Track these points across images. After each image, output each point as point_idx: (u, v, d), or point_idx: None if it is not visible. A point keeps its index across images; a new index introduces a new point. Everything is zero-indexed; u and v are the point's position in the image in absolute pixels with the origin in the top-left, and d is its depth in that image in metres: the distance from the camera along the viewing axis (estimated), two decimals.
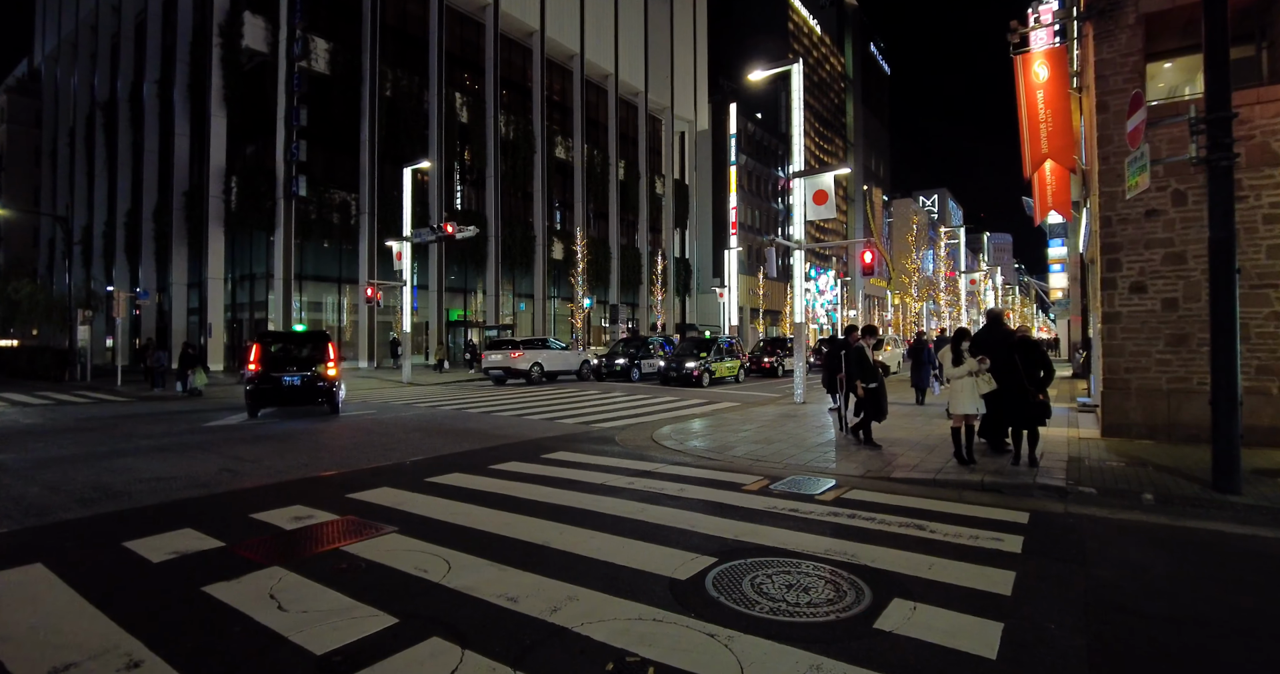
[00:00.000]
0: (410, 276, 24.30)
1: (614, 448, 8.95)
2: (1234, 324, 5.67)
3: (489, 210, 35.61)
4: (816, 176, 15.00)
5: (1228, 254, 5.72)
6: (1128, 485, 6.05)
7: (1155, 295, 8.55)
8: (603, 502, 5.80)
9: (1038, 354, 7.14)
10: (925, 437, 9.27)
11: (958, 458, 7.25)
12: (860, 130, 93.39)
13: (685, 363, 19.91)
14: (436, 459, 8.16)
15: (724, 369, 21.07)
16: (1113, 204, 8.81)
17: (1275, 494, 5.68)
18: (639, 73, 47.09)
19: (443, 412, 13.52)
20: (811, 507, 5.60)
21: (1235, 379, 5.66)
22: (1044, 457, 7.49)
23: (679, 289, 52.30)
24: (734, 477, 6.93)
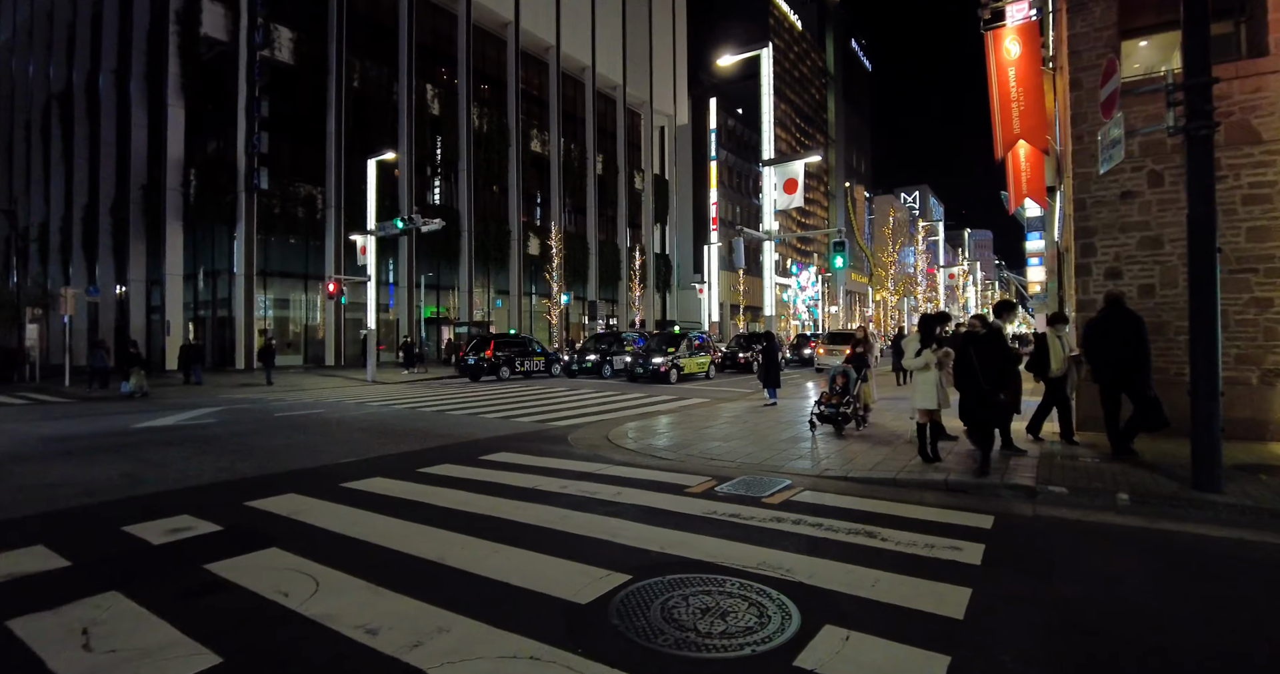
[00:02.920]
0: (375, 272, 23.51)
1: (564, 448, 8.37)
2: (1215, 309, 5.20)
3: (462, 205, 34.82)
4: (786, 164, 14.51)
5: (1208, 232, 5.25)
6: (1102, 484, 5.56)
7: (1131, 282, 8.10)
8: (525, 509, 5.22)
9: (998, 349, 6.39)
10: (892, 433, 8.77)
11: (922, 455, 6.75)
12: (841, 126, 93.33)
13: (652, 359, 19.24)
14: (365, 462, 7.53)
15: (693, 365, 20.47)
16: (1087, 186, 8.35)
17: (1259, 492, 5.22)
18: (617, 66, 46.40)
19: (394, 410, 12.86)
20: (755, 511, 5.06)
21: (1216, 368, 5.19)
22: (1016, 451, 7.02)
23: (659, 285, 51.74)
24: (681, 477, 6.37)
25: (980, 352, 6.23)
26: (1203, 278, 5.24)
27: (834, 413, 8.37)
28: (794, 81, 79.90)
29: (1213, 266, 5.21)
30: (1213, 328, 5.18)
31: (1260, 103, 7.59)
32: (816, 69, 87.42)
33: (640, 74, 49.23)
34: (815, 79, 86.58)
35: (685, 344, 20.35)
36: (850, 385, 8.56)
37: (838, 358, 25.49)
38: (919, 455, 6.84)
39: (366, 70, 30.81)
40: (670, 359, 19.22)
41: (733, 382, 19.88)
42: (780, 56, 76.77)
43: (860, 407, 8.79)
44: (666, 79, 52.76)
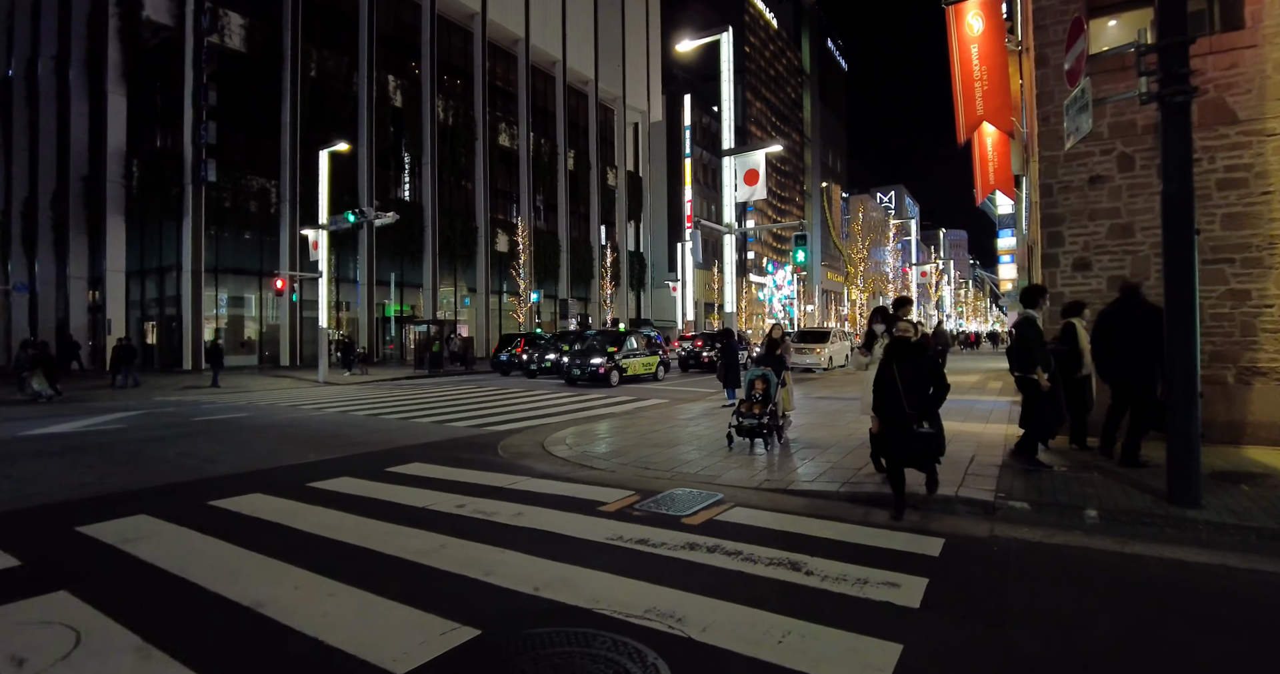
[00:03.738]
0: (329, 268, 22.47)
1: (487, 457, 7.59)
2: (1193, 298, 4.58)
3: (426, 199, 33.79)
4: (746, 154, 13.84)
5: (1185, 212, 4.62)
6: (1068, 497, 4.92)
7: (1101, 273, 7.52)
8: (399, 536, 4.44)
9: (926, 363, 4.89)
10: (848, 435, 8.10)
11: (875, 464, 6.08)
12: (817, 125, 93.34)
13: (590, 360, 17.63)
14: (254, 474, 6.69)
15: (638, 366, 18.85)
16: (1054, 170, 7.75)
17: (1241, 507, 4.60)
18: (588, 61, 45.57)
19: (325, 415, 11.97)
20: (668, 536, 4.33)
21: (1195, 365, 4.57)
22: (974, 460, 6.37)
23: (633, 283, 50.99)
24: (601, 492, 5.63)
25: (906, 367, 4.84)
26: (1180, 263, 4.61)
27: (755, 425, 7.17)
28: (769, 80, 79.62)
29: (1190, 251, 4.58)
30: (1191, 319, 4.56)
31: (1236, 80, 7.04)
32: (792, 68, 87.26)
33: (613, 69, 48.43)
34: (791, 78, 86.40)
35: (631, 343, 18.91)
36: (771, 391, 7.38)
37: (808, 356, 25.04)
38: (871, 463, 6.18)
39: (324, 60, 29.68)
40: (610, 360, 17.70)
41: (696, 381, 19.18)
42: (755, 54, 76.44)
43: (780, 415, 7.66)
44: (640, 75, 52.01)
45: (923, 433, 4.71)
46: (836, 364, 24.78)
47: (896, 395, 4.77)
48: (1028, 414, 6.20)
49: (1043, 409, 6.05)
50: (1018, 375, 6.21)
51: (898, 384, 4.77)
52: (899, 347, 4.93)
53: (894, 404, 4.79)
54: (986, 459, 6.42)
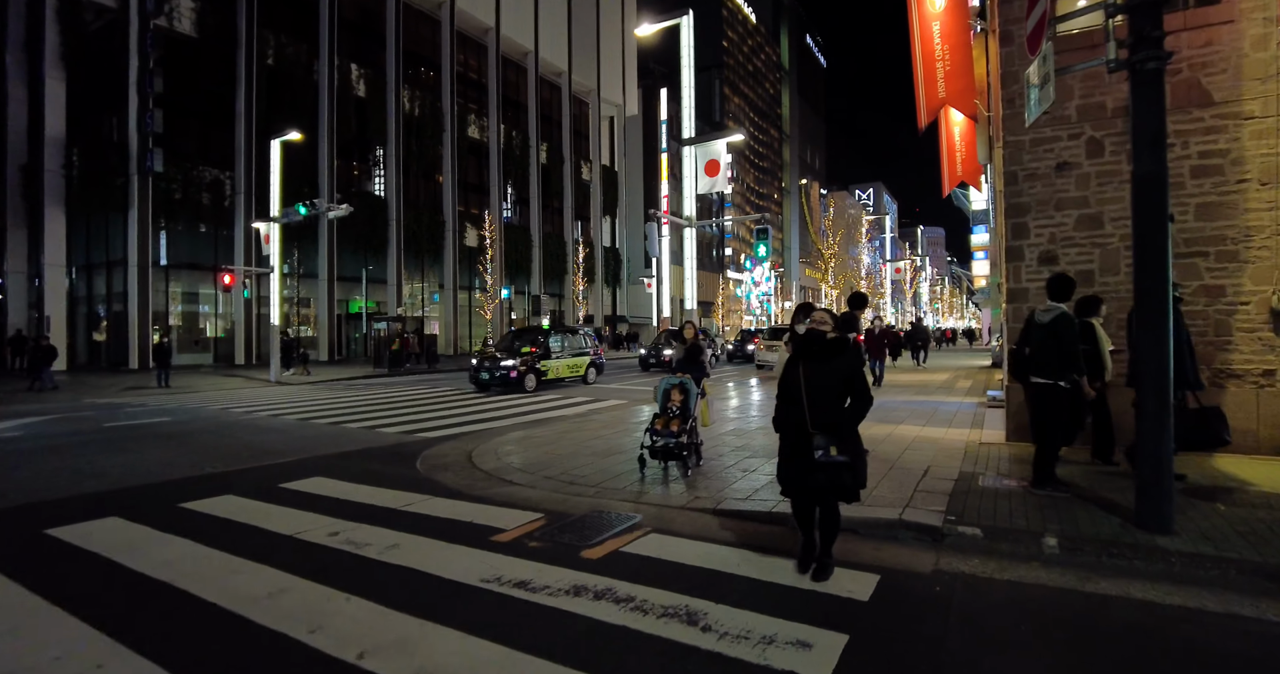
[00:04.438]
0: (280, 263, 21.49)
1: (400, 470, 6.88)
2: (1166, 294, 4.00)
3: (390, 192, 32.80)
4: (707, 143, 13.20)
5: (1157, 197, 4.03)
6: (1026, 521, 4.33)
7: (1068, 267, 6.97)
8: (241, 574, 3.73)
9: (839, 366, 3.61)
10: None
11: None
12: (796, 122, 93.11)
13: (502, 361, 15.36)
14: (126, 492, 5.92)
15: (562, 368, 16.84)
16: (1019, 156, 7.19)
17: (1218, 531, 4.04)
18: (562, 52, 44.67)
19: (254, 418, 11.15)
20: (558, 575, 3.67)
21: (1167, 373, 3.99)
22: (929, 473, 5.78)
23: (608, 279, 50.26)
24: (504, 516, 4.95)
25: (815, 370, 3.61)
26: (1152, 254, 4.03)
27: (672, 444, 5.92)
28: (748, 75, 79.16)
29: (1164, 240, 4.00)
30: (1164, 317, 3.98)
31: (1212, 59, 6.51)
32: (771, 64, 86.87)
33: (587, 61, 47.57)
34: (769, 73, 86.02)
35: (555, 342, 16.98)
36: (690, 403, 6.22)
37: (776, 354, 24.52)
38: None
39: (283, 46, 28.58)
40: (525, 362, 15.56)
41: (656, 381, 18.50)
42: (734, 49, 75.92)
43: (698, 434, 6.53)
44: (615, 67, 51.22)
45: (831, 461, 3.45)
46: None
47: (799, 406, 3.59)
48: (1046, 430, 5.10)
49: (1065, 423, 5.08)
50: (1040, 382, 5.08)
51: (801, 391, 3.59)
52: (809, 343, 3.67)
53: (795, 418, 3.61)
54: (942, 471, 5.83)
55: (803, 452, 3.54)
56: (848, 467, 3.50)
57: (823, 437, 3.49)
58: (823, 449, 3.47)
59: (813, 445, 3.49)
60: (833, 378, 3.58)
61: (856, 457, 3.52)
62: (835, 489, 3.53)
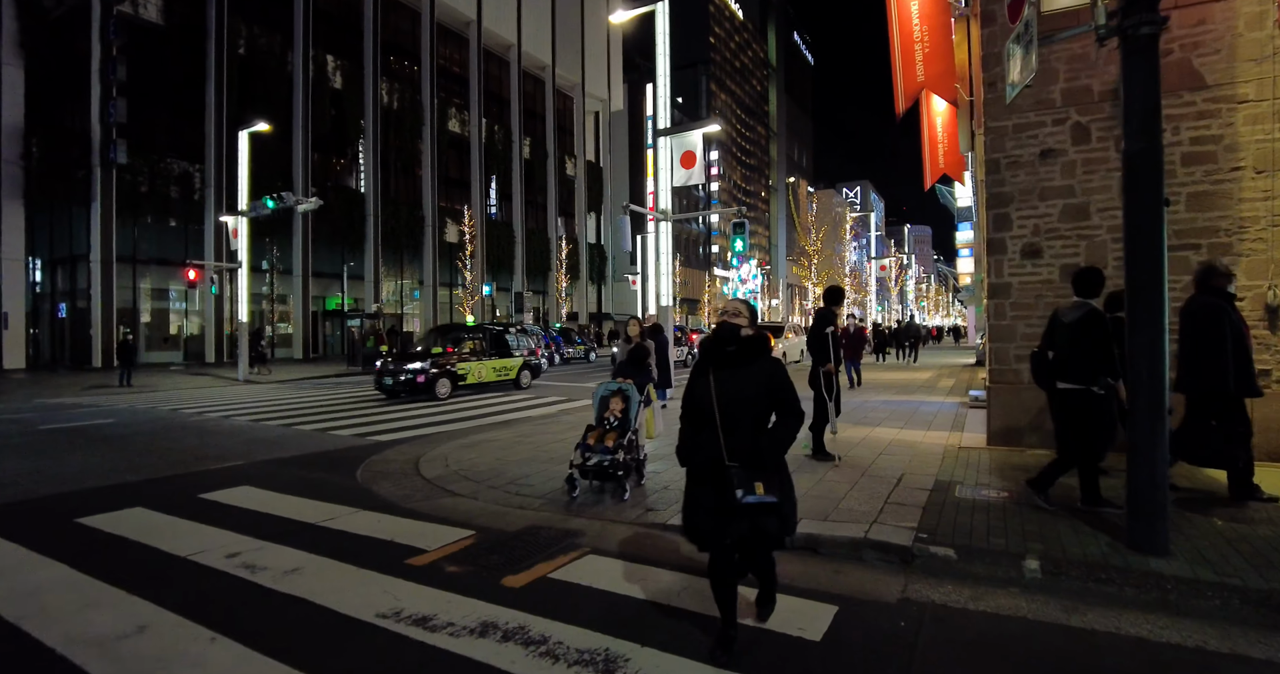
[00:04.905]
0: (248, 258, 20.80)
1: (338, 478, 6.36)
2: (1161, 288, 3.57)
3: (368, 187, 32.10)
4: (683, 134, 12.72)
5: (1151, 178, 3.60)
6: (1005, 540, 3.90)
7: (1052, 261, 6.56)
8: (99, 608, 3.22)
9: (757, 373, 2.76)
10: None
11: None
12: (783, 119, 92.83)
13: (407, 365, 13.18)
14: (29, 503, 5.37)
15: (486, 371, 14.55)
16: (1001, 143, 6.77)
17: (1216, 551, 3.63)
18: (545, 46, 44.03)
19: (203, 420, 10.57)
20: (468, 608, 3.18)
21: (1162, 376, 3.56)
22: (902, 482, 5.34)
23: (593, 276, 49.69)
24: (432, 533, 4.46)
25: (729, 380, 2.74)
26: (1144, 244, 3.59)
27: (606, 462, 5.07)
28: (734, 72, 78.75)
29: (1157, 227, 3.57)
30: (1158, 316, 3.55)
31: (1204, 38, 6.12)
32: (758, 60, 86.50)
33: (571, 56, 46.96)
34: (757, 70, 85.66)
35: (483, 341, 15.08)
36: (632, 412, 5.40)
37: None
38: None
39: (255, 36, 27.83)
40: (436, 364, 13.39)
41: None
42: (720, 45, 75.46)
43: (641, 448, 5.61)
44: (600, 62, 50.61)
45: (758, 502, 2.59)
46: (791, 359, 23.98)
47: (710, 429, 2.72)
48: (1077, 441, 4.46)
49: (1103, 432, 4.41)
50: (1068, 388, 4.42)
51: (713, 408, 2.70)
52: (719, 342, 2.77)
53: (706, 443, 2.72)
54: (917, 480, 5.40)
55: (719, 491, 2.64)
56: (775, 510, 2.64)
57: (744, 470, 2.61)
58: (744, 486, 2.57)
59: (730, 482, 2.59)
60: (751, 388, 2.70)
61: (785, 495, 2.68)
62: (757, 540, 2.67)
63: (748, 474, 2.60)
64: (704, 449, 2.73)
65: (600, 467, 5.15)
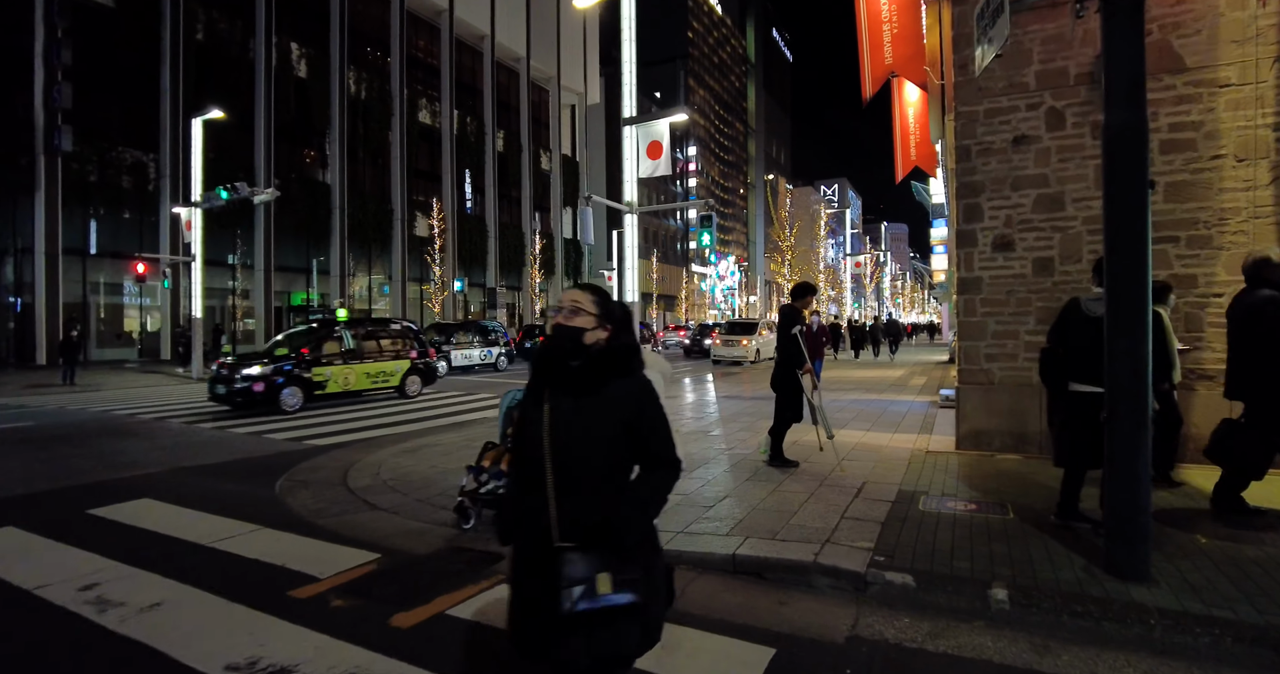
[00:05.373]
0: (204, 251, 19.95)
1: (253, 488, 5.80)
2: (1145, 281, 3.17)
3: (333, 178, 31.18)
4: (649, 124, 12.24)
5: (1136, 152, 3.19)
6: (970, 562, 3.48)
7: (1025, 254, 6.19)
8: None
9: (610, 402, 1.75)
10: (727, 450, 6.61)
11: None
12: (762, 116, 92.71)
13: (242, 370, 10.73)
14: None
15: (357, 377, 12.09)
16: (972, 129, 6.38)
17: (1202, 575, 3.24)
18: (520, 37, 43.21)
19: (136, 421, 9.89)
20: (339, 655, 2.68)
21: (1145, 380, 3.15)
22: (863, 492, 4.92)
23: (569, 271, 49.04)
24: (331, 556, 3.94)
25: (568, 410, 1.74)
26: (1127, 230, 3.18)
27: (500, 489, 4.15)
28: (713, 67, 78.38)
29: (1143, 212, 3.16)
30: (1140, 311, 3.14)
31: (1184, 18, 5.77)
32: (737, 56, 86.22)
33: (546, 48, 46.17)
34: (735, 66, 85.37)
35: (348, 341, 12.25)
36: None
37: (735, 349, 23.78)
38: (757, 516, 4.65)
39: (214, 21, 26.80)
40: (282, 369, 10.96)
41: None
42: (699, 40, 75.02)
43: None
44: (576, 55, 49.87)
45: (604, 606, 1.62)
46: (765, 356, 23.68)
47: (539, 487, 1.72)
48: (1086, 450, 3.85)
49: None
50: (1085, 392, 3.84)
51: (544, 456, 1.72)
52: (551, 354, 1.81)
53: (533, 510, 1.74)
54: (879, 490, 4.99)
55: (547, 587, 1.65)
56: (633, 613, 1.67)
57: (585, 557, 1.64)
58: (584, 585, 1.61)
59: (561, 576, 1.63)
60: (603, 426, 1.73)
61: (651, 590, 1.72)
62: (606, 663, 1.69)
63: (593, 563, 1.63)
64: (528, 519, 1.75)
65: (494, 494, 4.14)
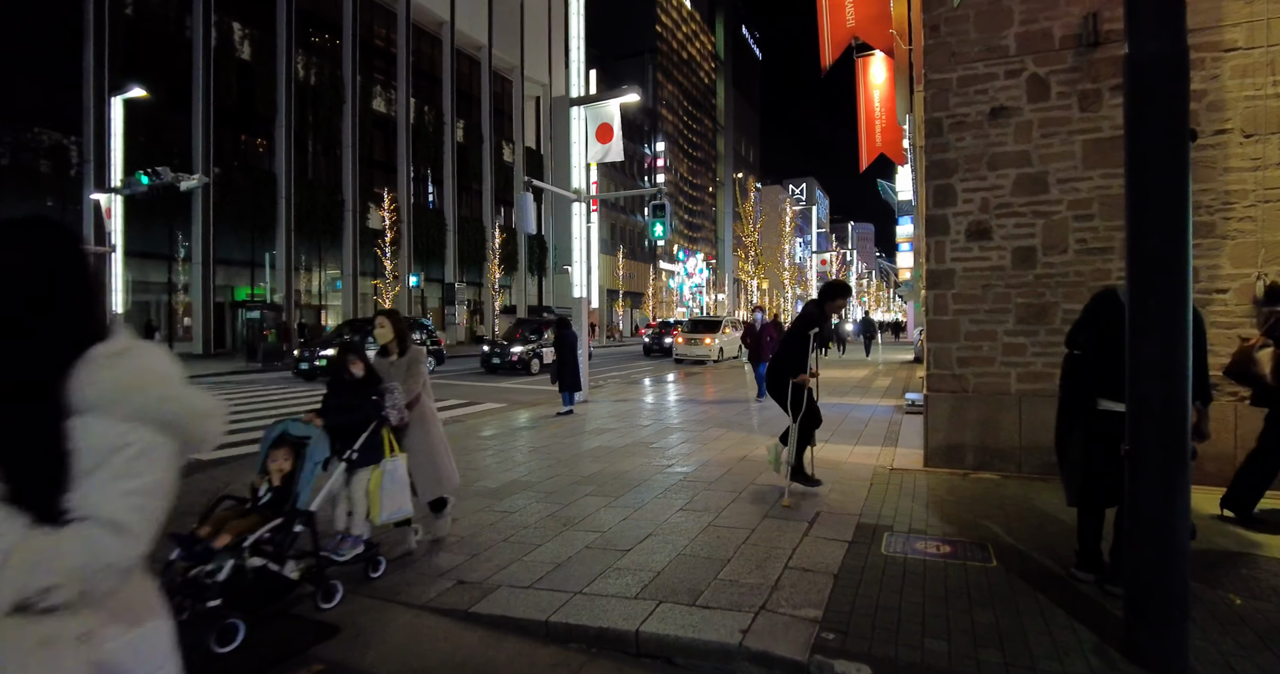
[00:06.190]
0: (122, 241, 18.47)
1: None
2: (1185, 263, 2.33)
3: (280, 167, 29.54)
4: (598, 104, 11.29)
5: (1174, 93, 2.35)
6: (948, 642, 2.62)
7: (1004, 243, 5.40)
8: None
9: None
10: (659, 472, 5.71)
11: None
12: (731, 113, 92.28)
13: None
14: None
15: None
16: (944, 99, 5.57)
17: (1251, 657, 2.43)
18: (481, 25, 41.82)
19: None
20: None
21: (1184, 398, 2.32)
22: (815, 526, 4.06)
23: (533, 267, 47.78)
24: None
25: None
26: (1160, 198, 2.35)
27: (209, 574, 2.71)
28: (681, 63, 77.65)
29: (1182, 174, 2.33)
30: (1180, 310, 2.31)
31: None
32: (706, 52, 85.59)
33: (510, 37, 44.84)
34: (704, 63, 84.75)
35: None
36: (302, 477, 3.13)
37: (698, 348, 22.95)
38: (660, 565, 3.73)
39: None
40: None
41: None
42: (668, 35, 74.19)
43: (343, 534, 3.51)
44: (540, 45, 48.60)
45: None
46: (729, 355, 22.94)
47: None
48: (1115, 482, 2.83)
49: None
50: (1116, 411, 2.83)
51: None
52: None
53: None
54: (833, 523, 4.12)
55: None
56: None
57: None
58: None
59: None
60: None
61: None
62: None
63: None
64: None
65: (195, 583, 2.71)
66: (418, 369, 3.86)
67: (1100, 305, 3.08)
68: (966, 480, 5.22)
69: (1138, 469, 2.37)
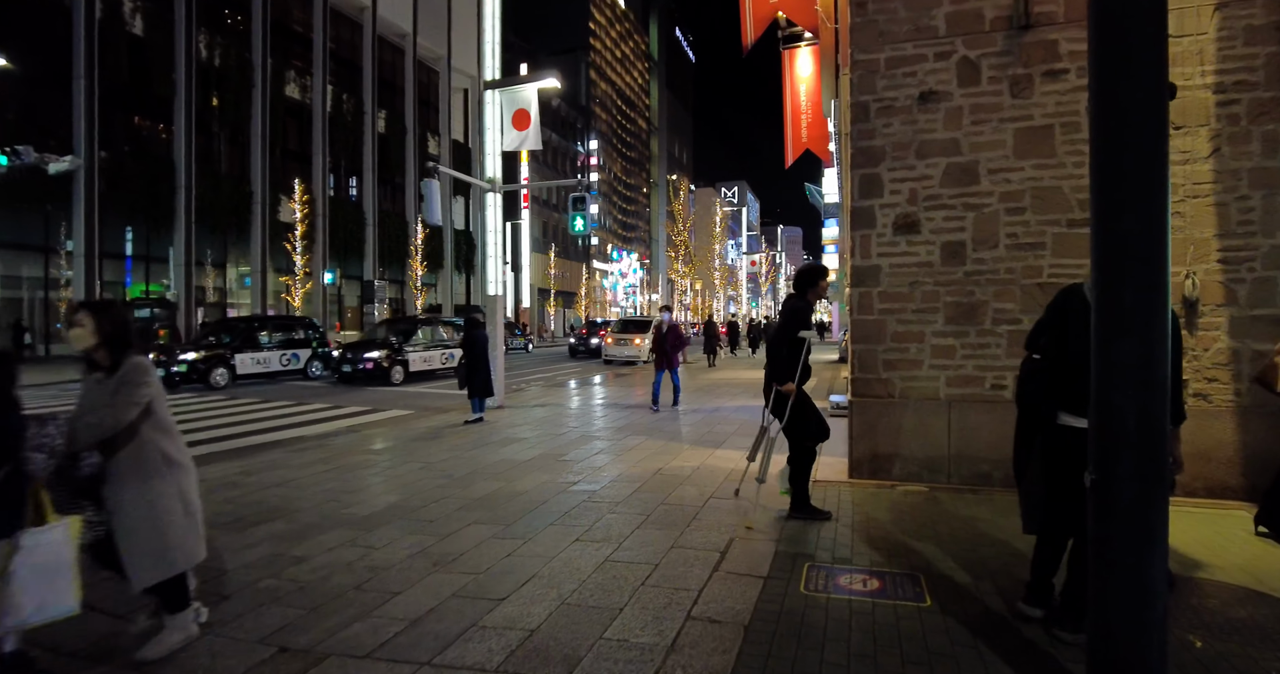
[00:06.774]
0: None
1: None
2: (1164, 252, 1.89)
3: (179, 154, 27.29)
4: (514, 89, 10.54)
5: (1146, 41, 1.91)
6: None
7: (932, 237, 5.03)
8: None
9: None
10: (552, 494, 5.09)
11: None
12: (664, 114, 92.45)
13: None
14: None
15: None
16: (871, 82, 5.16)
17: None
18: (405, 12, 40.13)
19: None
20: None
21: (1163, 414, 1.88)
22: (726, 560, 3.52)
23: (460, 265, 46.18)
24: None
25: None
26: (1131, 161, 1.90)
27: None
28: (615, 61, 77.20)
29: (1161, 128, 1.89)
30: (1159, 308, 1.86)
31: None
32: (640, 52, 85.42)
33: (436, 26, 43.25)
34: (638, 62, 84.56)
35: None
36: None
37: (628, 348, 22.40)
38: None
39: None
40: None
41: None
42: (601, 32, 73.57)
43: None
44: (469, 36, 46.84)
45: None
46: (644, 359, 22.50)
47: None
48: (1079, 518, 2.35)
49: None
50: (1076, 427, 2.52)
51: None
52: None
53: None
54: (746, 555, 3.58)
55: None
56: None
57: None
58: None
59: None
60: None
61: None
62: None
63: None
64: None
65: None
66: (131, 391, 2.52)
67: (1066, 304, 2.64)
68: (894, 494, 4.82)
69: (1107, 505, 1.90)
